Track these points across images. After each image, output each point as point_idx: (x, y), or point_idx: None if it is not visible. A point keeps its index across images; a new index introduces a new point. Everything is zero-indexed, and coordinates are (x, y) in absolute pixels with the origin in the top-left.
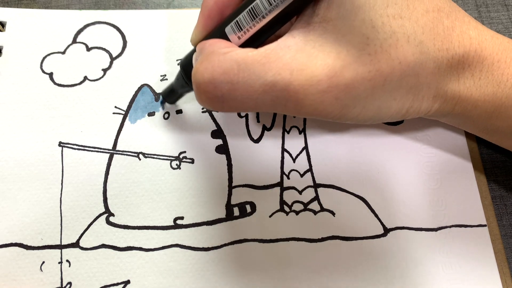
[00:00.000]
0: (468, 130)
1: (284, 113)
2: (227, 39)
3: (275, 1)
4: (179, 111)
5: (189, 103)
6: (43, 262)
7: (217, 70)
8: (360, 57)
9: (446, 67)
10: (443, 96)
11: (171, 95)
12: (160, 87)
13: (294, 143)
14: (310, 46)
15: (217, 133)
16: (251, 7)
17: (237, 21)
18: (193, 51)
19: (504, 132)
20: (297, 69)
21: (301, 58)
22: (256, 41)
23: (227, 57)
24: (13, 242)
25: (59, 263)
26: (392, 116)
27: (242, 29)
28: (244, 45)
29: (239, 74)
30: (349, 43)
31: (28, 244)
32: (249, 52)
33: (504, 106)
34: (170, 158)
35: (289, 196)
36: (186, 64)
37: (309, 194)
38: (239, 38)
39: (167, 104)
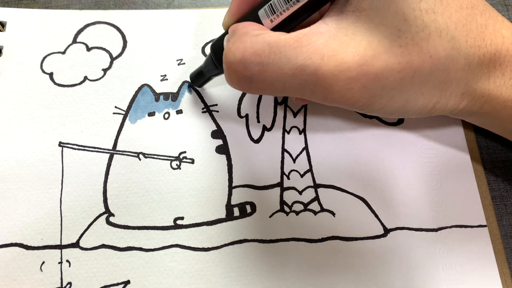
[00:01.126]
0: (494, 131)
1: (311, 98)
2: (260, 22)
3: None
4: (179, 111)
5: (189, 103)
6: (43, 262)
7: (248, 50)
8: (391, 48)
9: (477, 64)
10: (471, 93)
11: (199, 78)
12: (160, 87)
13: (294, 143)
14: (343, 33)
15: (217, 133)
16: None
17: (271, 4)
18: (225, 34)
19: None
20: (328, 55)
21: (332, 44)
22: (288, 25)
23: (260, 38)
24: (13, 242)
25: (59, 263)
26: (419, 110)
27: (275, 12)
28: (276, 29)
29: (270, 56)
30: (381, 33)
31: (28, 244)
32: (282, 35)
33: None
34: (170, 158)
35: (289, 197)
36: (217, 47)
37: (309, 194)
38: (271, 21)
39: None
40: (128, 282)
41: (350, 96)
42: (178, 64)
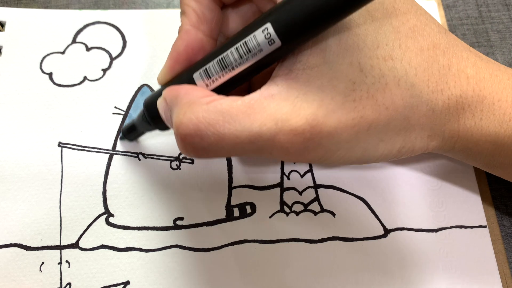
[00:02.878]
0: (471, 164)
1: (270, 158)
2: (195, 84)
3: (245, 55)
4: None
5: None
6: (43, 263)
7: (202, 121)
8: (344, 103)
9: (441, 108)
10: (440, 135)
11: (131, 133)
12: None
13: None
14: (294, 95)
15: None
16: (221, 58)
17: (206, 69)
18: (158, 93)
19: (508, 167)
20: (282, 120)
21: (285, 107)
22: (226, 89)
23: (211, 107)
24: (13, 242)
25: (58, 263)
26: (382, 157)
27: (211, 77)
28: (214, 91)
29: (224, 125)
30: (334, 89)
31: (28, 245)
32: (233, 102)
33: (506, 145)
34: (170, 158)
35: (289, 197)
36: (151, 105)
37: (309, 194)
38: (207, 85)
39: (126, 141)
40: (127, 282)
41: (307, 154)
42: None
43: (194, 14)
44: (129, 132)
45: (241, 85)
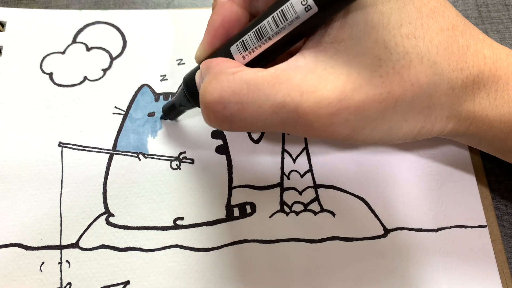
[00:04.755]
0: (483, 150)
1: (294, 134)
2: (232, 58)
3: (282, 23)
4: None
5: None
6: (43, 263)
7: (226, 90)
8: (371, 79)
9: (460, 87)
10: (457, 116)
11: (171, 112)
12: (160, 87)
13: (294, 143)
14: (321, 67)
15: (217, 133)
16: (258, 28)
17: (243, 40)
18: (197, 68)
19: None
20: (307, 91)
21: (311, 79)
22: (262, 61)
23: (237, 76)
24: (13, 242)
25: (59, 263)
26: (403, 137)
27: (247, 49)
28: (249, 64)
29: (248, 94)
30: (360, 64)
31: (28, 245)
32: (259, 72)
33: None
34: (170, 158)
35: (289, 197)
36: (190, 81)
37: (309, 194)
38: (243, 57)
39: (167, 120)
40: (128, 282)
41: (332, 130)
42: (178, 64)
43: None
44: (169, 111)
45: (275, 58)
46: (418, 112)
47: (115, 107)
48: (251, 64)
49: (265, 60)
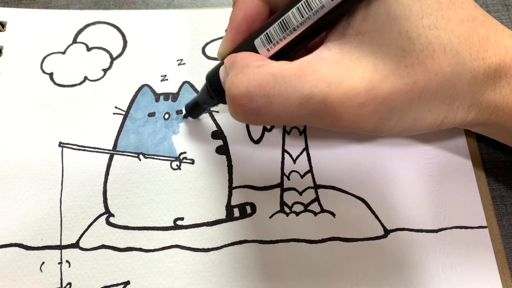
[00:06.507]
0: (502, 141)
1: (320, 126)
2: (256, 52)
3: (307, 13)
4: (180, 112)
5: None
6: (43, 263)
7: (252, 83)
8: (397, 69)
9: (482, 76)
10: (478, 105)
11: (195, 110)
12: (160, 88)
13: (295, 144)
14: (347, 58)
15: (218, 133)
16: (283, 19)
17: (267, 33)
18: (219, 65)
19: None
20: (335, 82)
21: (338, 70)
22: (286, 54)
23: (263, 69)
24: (13, 242)
25: (59, 263)
26: (427, 127)
27: (271, 42)
28: (273, 58)
29: (275, 87)
30: (385, 55)
31: (28, 245)
32: (285, 64)
33: None
34: (170, 158)
35: (290, 197)
36: (213, 78)
37: (310, 195)
38: (268, 50)
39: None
40: (128, 282)
41: (360, 121)
42: (178, 64)
43: None
44: (192, 109)
45: (299, 51)
46: (441, 102)
47: (116, 107)
48: (275, 57)
49: (288, 53)
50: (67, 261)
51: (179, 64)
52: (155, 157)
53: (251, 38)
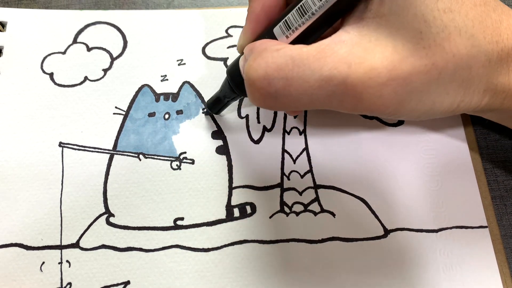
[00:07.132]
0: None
1: (339, 109)
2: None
3: None
4: (180, 112)
5: (189, 103)
6: (43, 263)
7: (271, 66)
8: (416, 50)
9: (496, 59)
10: (493, 89)
11: (216, 105)
12: (160, 88)
13: (295, 144)
14: (366, 40)
15: (218, 133)
16: (301, 5)
17: (286, 20)
18: (240, 57)
19: None
20: (355, 63)
21: (358, 51)
22: (304, 40)
23: (281, 52)
24: (13, 242)
25: (59, 263)
26: (445, 111)
27: (290, 28)
28: (292, 43)
29: (293, 69)
30: (403, 37)
31: (28, 245)
32: (303, 47)
33: None
34: (170, 158)
35: (290, 197)
36: (233, 71)
37: (310, 195)
38: (287, 37)
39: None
40: (128, 282)
41: (381, 103)
42: (179, 65)
43: None
44: (214, 104)
45: (317, 37)
46: (458, 85)
47: (116, 107)
48: (294, 43)
49: (307, 39)
50: (67, 261)
51: (179, 64)
52: (155, 157)
53: (271, 27)
